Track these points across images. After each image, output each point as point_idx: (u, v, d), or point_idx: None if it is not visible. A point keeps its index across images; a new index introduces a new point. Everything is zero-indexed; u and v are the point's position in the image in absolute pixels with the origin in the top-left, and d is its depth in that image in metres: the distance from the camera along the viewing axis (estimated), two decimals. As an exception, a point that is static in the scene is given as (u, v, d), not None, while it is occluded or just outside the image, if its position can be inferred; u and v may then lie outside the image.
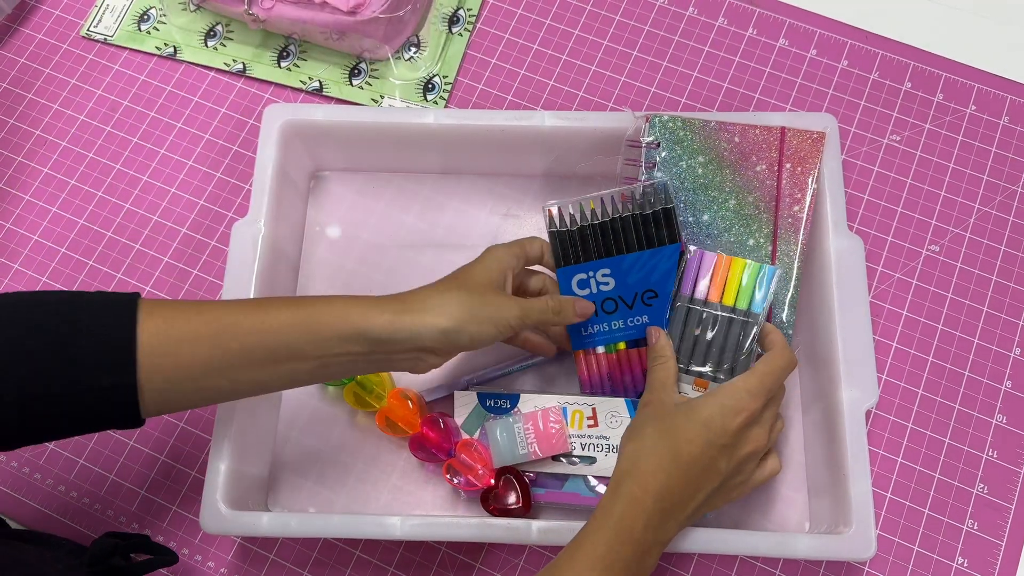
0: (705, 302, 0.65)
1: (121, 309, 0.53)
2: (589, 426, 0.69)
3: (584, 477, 0.68)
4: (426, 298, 0.59)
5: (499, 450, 0.67)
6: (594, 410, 0.69)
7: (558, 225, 0.67)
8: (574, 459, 0.68)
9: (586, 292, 0.67)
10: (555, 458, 0.68)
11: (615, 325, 0.68)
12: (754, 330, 0.64)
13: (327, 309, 0.56)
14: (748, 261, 0.66)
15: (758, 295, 0.65)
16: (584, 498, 0.68)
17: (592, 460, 0.68)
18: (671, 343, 0.65)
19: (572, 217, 0.67)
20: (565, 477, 0.68)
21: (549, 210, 0.67)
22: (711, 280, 0.66)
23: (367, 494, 0.71)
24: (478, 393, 0.70)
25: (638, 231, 0.66)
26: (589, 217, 0.67)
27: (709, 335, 0.65)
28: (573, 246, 0.67)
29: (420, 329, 0.57)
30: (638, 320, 0.68)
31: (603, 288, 0.67)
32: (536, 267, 0.68)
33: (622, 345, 0.69)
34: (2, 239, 0.81)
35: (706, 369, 0.65)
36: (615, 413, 0.69)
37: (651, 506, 0.55)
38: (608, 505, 0.56)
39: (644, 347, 0.68)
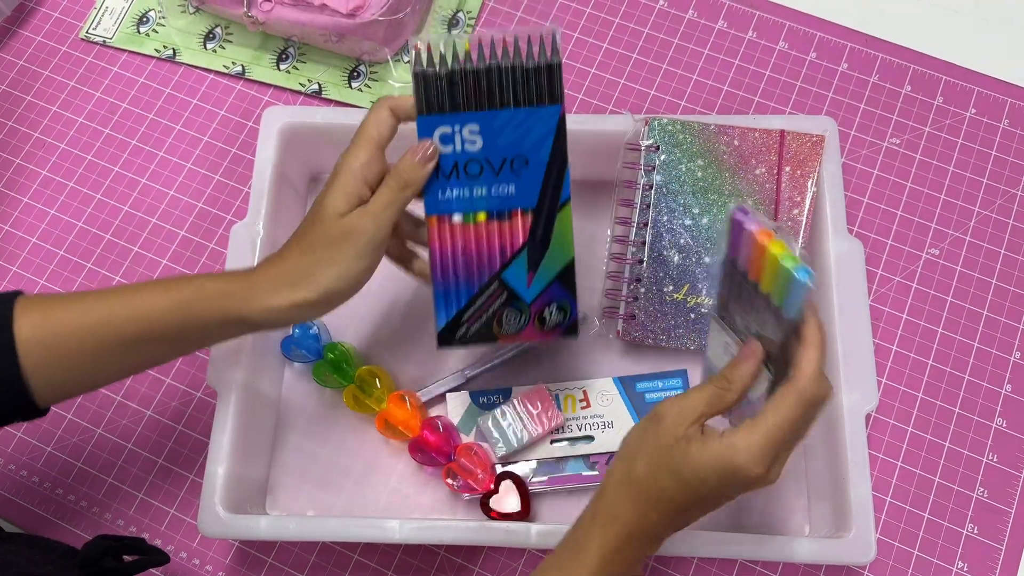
0: (745, 275, 0.54)
1: None
2: (583, 407, 0.71)
3: (584, 457, 0.70)
4: (296, 270, 0.57)
5: (496, 442, 0.68)
6: (585, 392, 0.71)
7: (425, 65, 0.57)
8: (574, 439, 0.70)
9: (449, 149, 0.58)
10: (554, 442, 0.70)
11: (477, 192, 0.59)
12: (778, 334, 0.53)
13: (201, 296, 0.57)
14: (784, 255, 0.50)
15: (788, 299, 0.51)
16: (585, 477, 0.70)
17: (591, 439, 0.70)
18: (751, 376, 0.53)
19: (443, 57, 0.57)
20: (566, 460, 0.70)
21: (416, 45, 0.57)
22: (750, 256, 0.53)
23: (366, 497, 0.71)
24: (470, 392, 0.71)
25: (516, 85, 0.58)
26: (463, 60, 0.57)
27: (743, 309, 0.55)
28: (439, 93, 0.57)
29: (295, 310, 0.57)
30: (504, 189, 0.59)
31: (469, 148, 0.58)
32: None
33: (482, 216, 0.60)
34: (0, 241, 0.81)
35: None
36: (605, 392, 0.71)
37: (635, 538, 0.53)
38: (591, 533, 0.53)
39: (507, 221, 0.60)
